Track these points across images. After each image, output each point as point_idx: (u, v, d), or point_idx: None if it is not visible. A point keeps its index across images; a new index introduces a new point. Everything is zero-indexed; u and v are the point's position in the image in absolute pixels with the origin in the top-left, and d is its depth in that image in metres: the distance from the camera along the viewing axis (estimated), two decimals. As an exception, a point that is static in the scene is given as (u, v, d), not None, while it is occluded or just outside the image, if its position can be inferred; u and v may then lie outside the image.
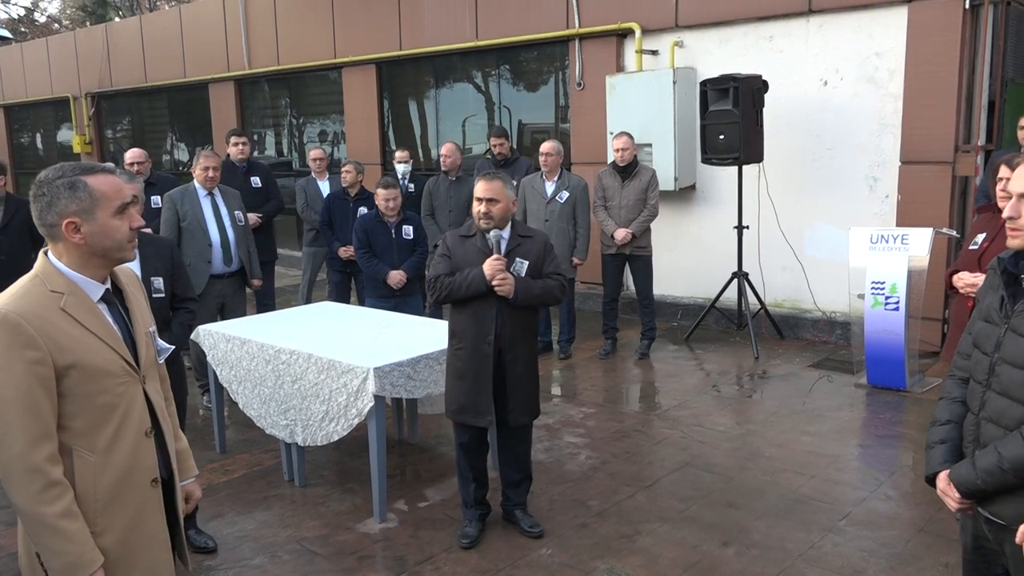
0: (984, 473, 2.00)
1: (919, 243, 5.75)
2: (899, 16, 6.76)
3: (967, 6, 6.49)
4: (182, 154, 14.65)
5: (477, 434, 3.89)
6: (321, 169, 7.89)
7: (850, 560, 3.62)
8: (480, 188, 3.75)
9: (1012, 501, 1.98)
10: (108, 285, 2.06)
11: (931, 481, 2.20)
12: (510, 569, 3.64)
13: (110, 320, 2.04)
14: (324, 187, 7.79)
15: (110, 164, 2.41)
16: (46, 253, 2.01)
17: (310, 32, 11.39)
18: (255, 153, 12.67)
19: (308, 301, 7.66)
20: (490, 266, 3.64)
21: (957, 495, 2.09)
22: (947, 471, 2.14)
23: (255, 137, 12.98)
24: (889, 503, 4.15)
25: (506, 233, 3.79)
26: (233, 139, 7.29)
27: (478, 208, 3.74)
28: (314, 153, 7.97)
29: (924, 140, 6.66)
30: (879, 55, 6.93)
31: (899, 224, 6.70)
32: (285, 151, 12.95)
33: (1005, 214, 2.03)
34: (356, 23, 10.81)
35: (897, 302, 5.78)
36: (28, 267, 2.07)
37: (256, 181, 7.22)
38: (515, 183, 7.14)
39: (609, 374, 6.59)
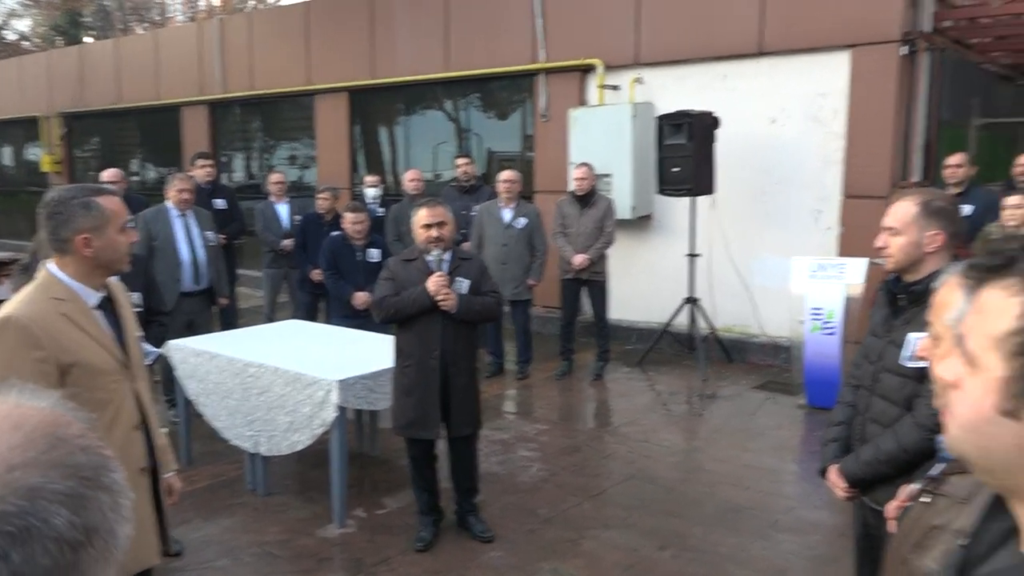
0: (865, 464, 2.30)
1: (855, 272, 6.13)
2: (842, 60, 7.21)
3: (904, 52, 6.95)
4: (150, 175, 14.78)
5: (426, 447, 4.13)
6: (280, 192, 8.09)
7: (775, 562, 3.91)
8: (429, 214, 4.00)
9: (889, 490, 2.27)
10: (104, 294, 2.31)
11: (824, 474, 2.50)
12: (461, 570, 3.88)
13: (105, 324, 2.29)
14: (282, 210, 8.02)
15: (111, 186, 2.67)
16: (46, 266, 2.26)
17: (284, 59, 11.67)
18: (223, 176, 12.90)
19: (272, 321, 7.85)
20: (434, 282, 3.90)
21: (844, 485, 2.39)
22: (837, 464, 2.44)
23: (224, 160, 13.18)
24: (816, 511, 4.45)
25: (447, 255, 4.05)
26: (199, 161, 7.54)
27: (429, 233, 3.99)
28: (274, 177, 8.18)
29: (864, 176, 7.09)
30: (824, 96, 7.37)
31: (841, 254, 7.08)
32: (255, 174, 13.15)
33: (876, 244, 2.35)
34: (329, 52, 11.11)
35: (834, 328, 6.14)
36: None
37: (220, 203, 7.43)
38: (477, 209, 7.49)
39: (564, 394, 6.87)
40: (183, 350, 5.02)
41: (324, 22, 11.20)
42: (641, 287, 8.43)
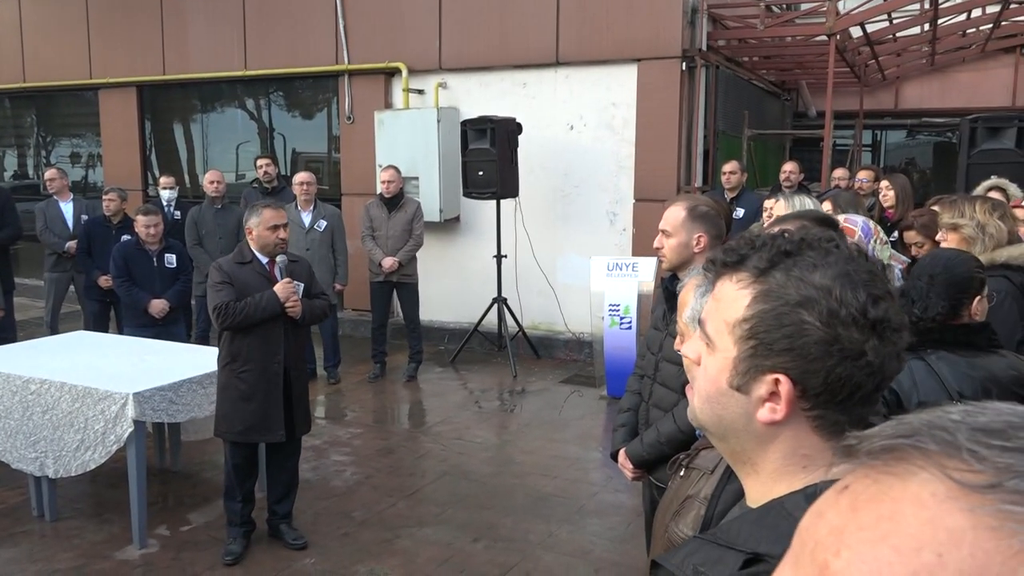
0: (648, 446, 2.54)
1: (646, 270, 6.61)
2: (630, 72, 7.72)
3: (684, 68, 7.56)
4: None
5: (251, 453, 4.06)
6: (59, 189, 7.52)
7: (581, 545, 4.17)
8: (276, 215, 4.03)
9: (670, 467, 2.53)
10: None
11: (615, 457, 2.73)
12: (274, 580, 3.82)
13: None
14: (67, 208, 7.47)
15: None
16: None
17: (62, 49, 10.75)
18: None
19: (55, 331, 7.26)
20: (284, 290, 3.91)
21: (631, 466, 2.62)
22: (625, 448, 2.67)
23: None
24: (616, 495, 4.78)
25: (284, 259, 4.06)
26: None
27: (278, 234, 3.99)
28: (48, 174, 7.63)
29: (653, 181, 7.64)
30: (615, 105, 7.86)
31: (634, 254, 7.59)
32: (31, 173, 12.04)
33: (654, 245, 2.61)
34: (114, 43, 10.37)
35: (630, 322, 6.59)
36: None
37: None
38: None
39: (378, 396, 6.88)
40: (-50, 369, 4.54)
41: (106, 11, 10.42)
42: (451, 288, 8.59)
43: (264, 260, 4.02)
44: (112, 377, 4.19)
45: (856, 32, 8.45)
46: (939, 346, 2.22)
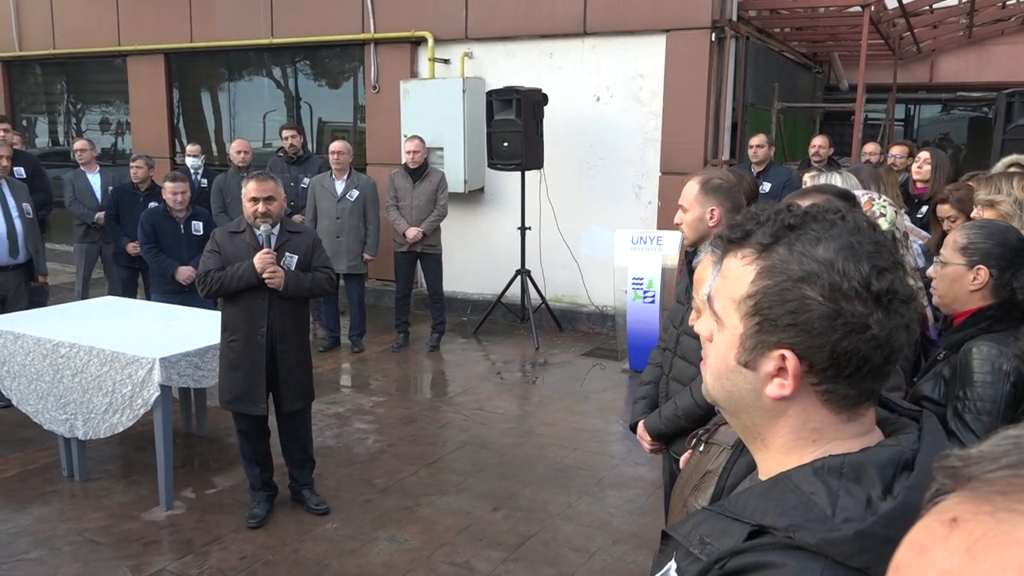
0: (666, 420, 2.54)
1: (671, 244, 6.56)
2: (659, 43, 7.61)
3: (713, 39, 7.44)
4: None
5: (256, 421, 4.07)
6: (88, 160, 7.59)
7: (600, 516, 4.19)
8: (256, 188, 3.91)
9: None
10: None
11: (634, 428, 2.73)
12: (296, 544, 3.89)
13: None
14: (94, 180, 7.55)
15: None
16: None
17: (91, 16, 10.80)
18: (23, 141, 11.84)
19: (85, 298, 7.38)
20: (260, 259, 3.84)
21: (649, 438, 2.62)
22: (644, 420, 2.67)
23: (24, 123, 12.10)
24: (636, 467, 4.80)
25: (275, 230, 3.99)
26: None
27: (255, 207, 3.91)
28: (78, 144, 7.67)
29: (679, 154, 7.56)
30: (643, 76, 7.77)
31: (659, 227, 7.53)
32: (61, 140, 12.16)
33: (675, 221, 2.59)
34: (142, 10, 10.40)
35: (654, 296, 6.56)
36: None
37: (20, 172, 6.89)
38: (307, 181, 7.34)
39: (401, 366, 6.93)
40: (-17, 331, 4.64)
41: (136, -22, 10.46)
42: (474, 259, 8.59)
43: (257, 231, 3.96)
44: (139, 342, 4.25)
45: (891, 3, 8.26)
46: (1007, 324, 2.05)
